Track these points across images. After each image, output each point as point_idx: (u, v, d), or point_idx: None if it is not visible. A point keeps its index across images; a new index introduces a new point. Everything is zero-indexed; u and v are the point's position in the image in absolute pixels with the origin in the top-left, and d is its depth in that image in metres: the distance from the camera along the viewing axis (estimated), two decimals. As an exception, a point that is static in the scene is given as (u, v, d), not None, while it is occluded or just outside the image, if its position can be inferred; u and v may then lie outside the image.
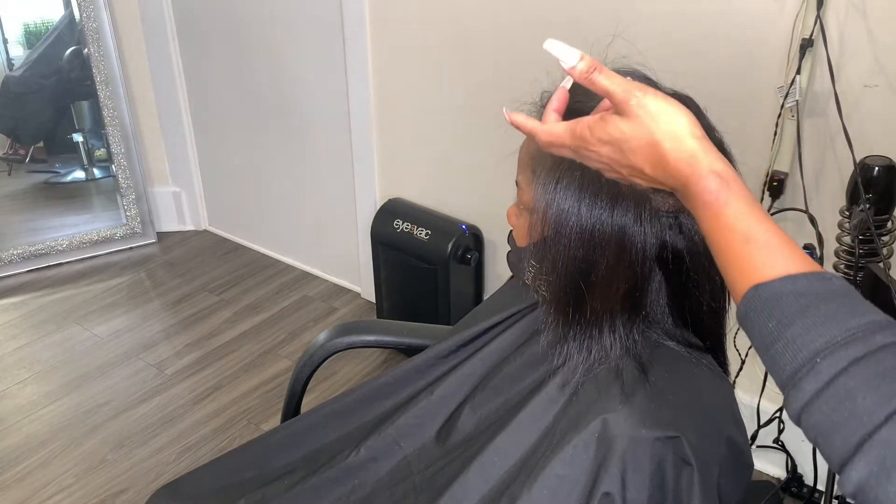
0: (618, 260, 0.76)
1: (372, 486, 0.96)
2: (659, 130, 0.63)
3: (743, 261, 0.60)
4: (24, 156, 2.97)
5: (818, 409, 0.54)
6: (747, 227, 0.61)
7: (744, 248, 0.60)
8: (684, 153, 0.63)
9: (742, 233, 0.61)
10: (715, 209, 0.62)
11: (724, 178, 0.62)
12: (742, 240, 0.61)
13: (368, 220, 2.25)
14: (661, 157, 0.64)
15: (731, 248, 0.61)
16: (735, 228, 0.61)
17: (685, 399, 0.78)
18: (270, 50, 2.40)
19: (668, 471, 0.74)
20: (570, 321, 0.80)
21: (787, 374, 0.56)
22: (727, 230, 0.61)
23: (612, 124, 0.66)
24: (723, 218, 0.62)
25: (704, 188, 0.62)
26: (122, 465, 1.89)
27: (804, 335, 0.55)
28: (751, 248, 0.60)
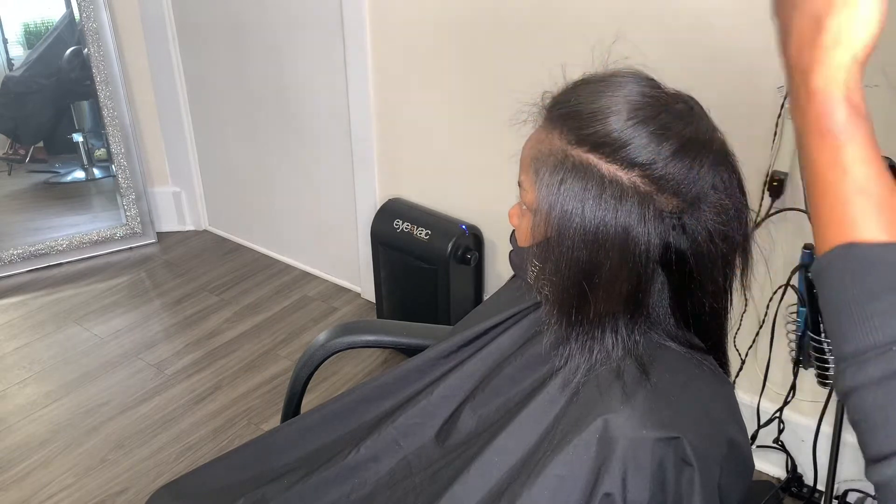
0: (621, 261, 0.76)
1: (372, 485, 0.96)
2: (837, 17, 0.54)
3: (847, 209, 0.53)
4: (24, 156, 2.97)
5: (874, 395, 0.50)
6: (864, 176, 0.53)
7: (853, 196, 0.53)
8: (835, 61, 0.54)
9: (857, 179, 0.53)
10: (836, 141, 0.54)
11: (858, 111, 0.54)
12: (854, 187, 0.53)
13: (368, 220, 2.25)
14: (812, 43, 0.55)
15: (839, 190, 0.53)
16: (851, 172, 0.53)
17: (686, 400, 0.78)
18: (270, 50, 2.40)
19: (669, 471, 0.74)
20: (572, 322, 0.81)
21: (853, 348, 0.51)
22: (842, 169, 0.53)
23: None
24: (841, 154, 0.53)
25: (831, 112, 0.54)
26: (122, 465, 1.89)
27: (888, 315, 0.50)
28: (860, 200, 0.52)
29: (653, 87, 0.78)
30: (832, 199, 0.54)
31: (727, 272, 0.82)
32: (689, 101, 0.79)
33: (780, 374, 1.65)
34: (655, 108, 0.75)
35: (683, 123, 0.75)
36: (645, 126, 0.74)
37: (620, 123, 0.74)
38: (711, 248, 0.77)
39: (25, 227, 2.83)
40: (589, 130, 0.75)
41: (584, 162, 0.75)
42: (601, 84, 0.78)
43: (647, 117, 0.74)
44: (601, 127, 0.75)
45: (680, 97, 0.78)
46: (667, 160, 0.74)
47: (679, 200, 0.75)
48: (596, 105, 0.76)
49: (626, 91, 0.76)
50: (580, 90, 0.79)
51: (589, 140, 0.75)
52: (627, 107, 0.75)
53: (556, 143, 0.78)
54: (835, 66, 0.54)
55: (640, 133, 0.74)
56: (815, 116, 0.55)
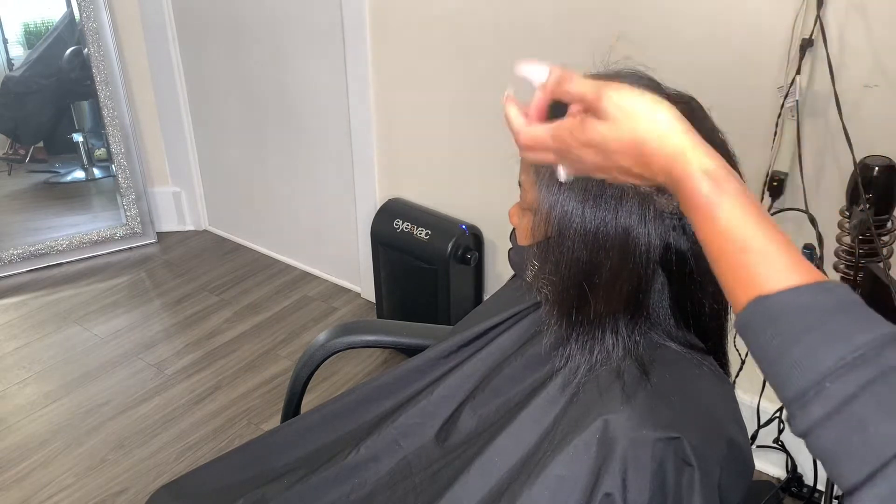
0: (621, 262, 0.76)
1: (372, 485, 0.96)
2: (639, 128, 0.60)
3: (741, 270, 0.56)
4: (24, 156, 2.97)
5: (826, 433, 0.51)
6: (743, 234, 0.57)
7: (741, 256, 0.56)
8: (670, 150, 0.59)
9: (738, 240, 0.57)
10: (708, 213, 0.58)
11: (715, 179, 0.58)
12: (739, 248, 0.57)
13: (368, 220, 2.25)
14: (646, 157, 0.60)
15: (727, 255, 0.57)
16: (730, 235, 0.57)
17: (686, 400, 0.78)
18: (270, 50, 2.40)
19: (669, 471, 0.74)
20: (572, 322, 0.81)
21: (793, 395, 0.53)
22: (722, 237, 0.57)
23: (592, 127, 0.62)
24: (717, 223, 0.57)
25: (695, 190, 0.58)
26: (122, 465, 1.89)
27: (811, 355, 0.52)
28: (749, 258, 0.56)
29: (653, 87, 0.78)
30: (727, 263, 0.58)
31: None
32: (691, 102, 0.79)
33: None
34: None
35: (684, 124, 0.75)
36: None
37: (621, 124, 0.74)
38: None
39: (25, 227, 2.83)
40: (589, 131, 0.75)
41: (584, 162, 0.75)
42: (602, 84, 0.78)
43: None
44: (602, 127, 0.75)
45: (681, 97, 0.78)
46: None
47: None
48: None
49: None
50: None
51: (589, 140, 0.75)
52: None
53: (556, 143, 0.78)
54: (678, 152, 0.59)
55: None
56: (686, 198, 0.60)
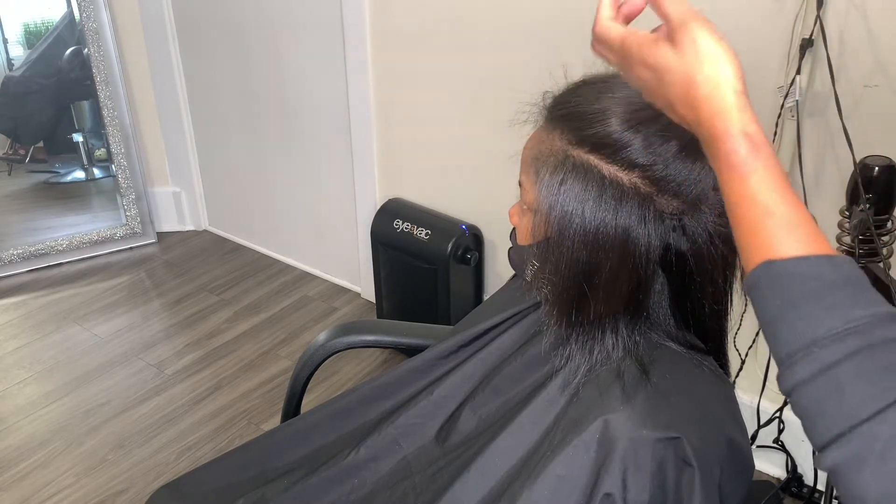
0: (621, 262, 0.76)
1: (372, 485, 0.96)
2: (701, 72, 0.61)
3: (760, 233, 0.59)
4: (24, 156, 2.97)
5: (807, 393, 0.55)
6: (770, 200, 0.59)
7: (763, 220, 0.59)
8: (720, 105, 0.61)
9: (764, 205, 0.59)
10: (741, 174, 0.60)
11: (755, 143, 0.60)
12: (763, 212, 0.59)
13: (368, 220, 2.25)
14: (696, 100, 0.62)
15: (750, 217, 0.59)
16: (757, 199, 0.59)
17: (686, 400, 0.78)
18: (270, 50, 2.40)
19: (669, 472, 0.74)
20: (572, 323, 0.81)
21: (784, 354, 0.57)
22: (749, 199, 0.59)
23: (660, 49, 0.64)
24: (747, 186, 0.59)
25: (733, 149, 0.60)
26: (122, 465, 1.89)
27: (806, 320, 0.55)
28: (770, 223, 0.58)
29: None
30: (748, 225, 0.60)
31: (727, 274, 0.82)
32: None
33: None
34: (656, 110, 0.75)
35: (684, 124, 0.75)
36: (646, 127, 0.74)
37: (621, 124, 0.74)
38: (712, 250, 0.77)
39: (25, 227, 2.83)
40: (590, 131, 0.75)
41: (584, 162, 0.75)
42: (602, 85, 0.78)
43: (648, 118, 0.74)
44: (602, 128, 0.75)
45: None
46: (668, 161, 0.74)
47: (679, 202, 0.75)
48: (597, 106, 0.76)
49: (628, 92, 0.76)
50: (581, 91, 0.79)
51: (590, 141, 0.75)
52: (629, 108, 0.75)
53: (556, 143, 0.78)
54: (724, 108, 0.61)
55: (641, 134, 0.74)
56: (720, 155, 0.61)
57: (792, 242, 0.58)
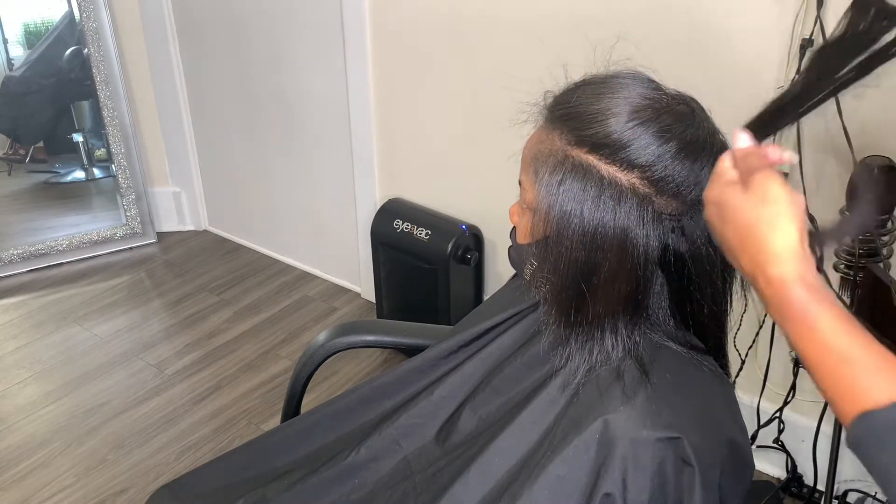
0: (620, 262, 0.76)
1: (372, 485, 0.96)
2: (762, 213, 0.61)
3: (844, 382, 0.56)
4: (24, 156, 2.97)
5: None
6: (846, 346, 0.56)
7: (843, 367, 0.56)
8: (775, 249, 0.60)
9: (840, 351, 0.56)
10: (807, 323, 0.58)
11: (813, 289, 0.58)
12: (841, 359, 0.56)
13: (368, 220, 2.25)
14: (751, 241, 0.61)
15: (828, 366, 0.57)
16: (832, 346, 0.57)
17: (686, 400, 0.78)
18: (270, 50, 2.40)
19: (669, 471, 0.74)
20: (571, 322, 0.81)
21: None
22: (823, 347, 0.57)
23: (731, 188, 0.64)
24: (817, 333, 0.57)
25: (794, 297, 0.58)
26: (122, 465, 1.89)
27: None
28: (851, 369, 0.56)
29: (654, 88, 0.78)
30: (830, 374, 0.57)
31: (726, 275, 0.82)
32: (691, 103, 0.79)
33: (780, 374, 1.65)
34: (656, 110, 0.75)
35: (684, 125, 0.75)
36: (645, 128, 0.74)
37: (621, 125, 0.74)
38: (710, 251, 0.77)
39: (25, 227, 2.83)
40: (589, 131, 0.75)
41: (583, 163, 0.75)
42: (602, 85, 0.78)
43: (647, 119, 0.74)
44: (601, 128, 0.75)
45: (681, 98, 0.78)
46: (667, 162, 0.74)
47: (678, 203, 0.75)
48: (596, 106, 0.76)
49: (627, 92, 0.76)
50: (581, 91, 0.79)
51: (589, 141, 0.75)
52: (628, 108, 0.75)
53: (556, 143, 0.78)
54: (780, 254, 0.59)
55: (640, 135, 0.74)
56: (780, 304, 0.59)
57: (882, 386, 0.54)
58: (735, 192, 0.64)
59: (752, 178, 0.63)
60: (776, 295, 0.60)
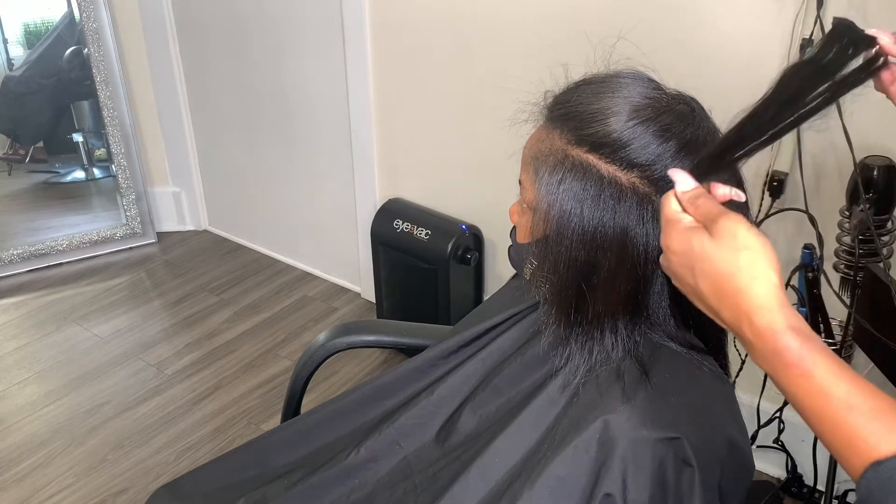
0: (619, 262, 0.76)
1: (372, 485, 0.96)
2: (737, 263, 0.58)
3: (848, 431, 0.54)
4: (24, 156, 2.97)
5: None
6: (845, 393, 0.54)
7: (846, 416, 0.54)
8: (758, 299, 0.58)
9: (839, 398, 0.54)
10: (802, 370, 0.55)
11: (805, 336, 0.56)
12: (843, 407, 0.54)
13: (368, 220, 2.25)
14: (735, 291, 0.58)
15: (829, 414, 0.55)
16: (831, 393, 0.54)
17: (686, 400, 0.78)
18: (270, 50, 2.40)
19: (669, 472, 0.74)
20: (571, 322, 0.80)
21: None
22: (822, 394, 0.55)
23: (697, 236, 0.61)
24: (814, 382, 0.55)
25: (785, 346, 0.56)
26: (122, 465, 1.89)
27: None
28: (854, 417, 0.53)
29: (654, 88, 0.78)
30: (831, 423, 0.55)
31: None
32: (691, 103, 0.78)
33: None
34: (656, 109, 0.75)
35: (684, 125, 0.75)
36: (645, 127, 0.74)
37: (620, 124, 0.74)
38: None
39: (25, 227, 2.83)
40: (589, 131, 0.75)
41: (583, 162, 0.75)
42: (602, 84, 0.78)
43: (647, 118, 0.74)
44: (601, 127, 0.75)
45: (681, 98, 0.78)
46: (667, 161, 0.74)
47: None
48: (596, 105, 0.76)
49: (627, 92, 0.76)
50: (581, 90, 0.79)
51: (588, 140, 0.75)
52: (628, 108, 0.75)
53: (556, 142, 0.78)
54: (763, 303, 0.57)
55: (640, 134, 0.74)
56: (772, 355, 0.57)
57: (889, 434, 0.52)
58: (702, 239, 0.61)
59: (717, 224, 0.60)
60: (767, 346, 0.57)
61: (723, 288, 0.60)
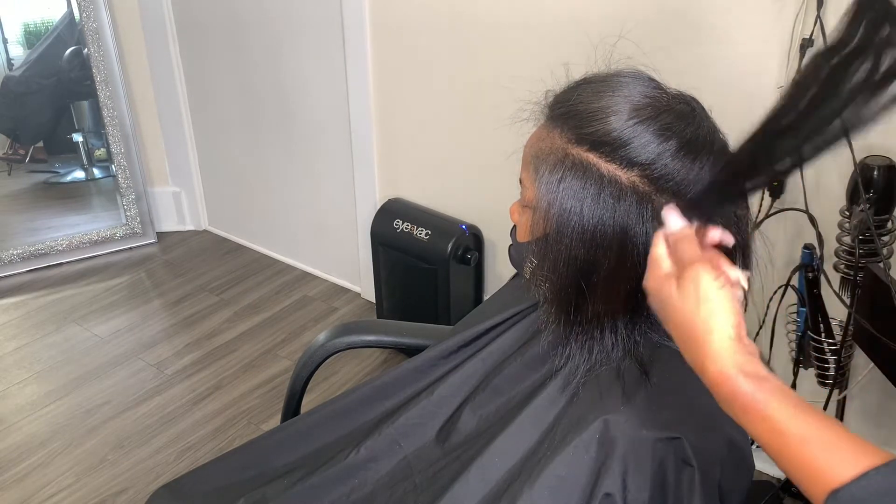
0: (619, 261, 0.76)
1: (372, 485, 0.96)
2: (697, 315, 0.63)
3: (807, 464, 0.57)
4: (24, 156, 2.97)
5: None
6: (797, 427, 0.57)
7: (801, 448, 0.57)
8: (713, 349, 0.62)
9: (795, 435, 0.57)
10: (757, 411, 0.59)
11: (757, 378, 0.60)
12: (797, 440, 0.57)
13: (368, 220, 2.25)
14: (691, 342, 0.63)
15: (788, 450, 0.58)
16: (785, 430, 0.58)
17: (686, 400, 0.78)
18: (270, 50, 2.40)
19: (669, 472, 0.74)
20: (570, 321, 0.80)
21: None
22: (778, 433, 0.58)
23: (666, 285, 0.66)
24: (770, 421, 0.59)
25: (737, 390, 0.60)
26: (122, 465, 1.89)
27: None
28: (812, 449, 0.57)
29: (654, 87, 0.78)
30: (791, 459, 0.58)
31: None
32: (691, 102, 0.78)
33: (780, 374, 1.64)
34: (656, 109, 0.75)
35: (684, 124, 0.75)
36: (645, 126, 0.74)
37: (621, 123, 0.74)
38: None
39: (25, 227, 2.83)
40: (589, 129, 0.75)
41: (583, 161, 0.75)
42: (602, 84, 0.78)
43: (647, 117, 0.74)
44: (601, 126, 0.75)
45: (681, 97, 0.78)
46: (666, 160, 0.74)
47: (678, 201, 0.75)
48: (597, 105, 0.76)
49: (628, 91, 0.76)
50: (581, 89, 0.79)
51: (589, 139, 0.75)
52: (628, 107, 0.75)
53: (556, 141, 0.78)
54: (717, 351, 0.62)
55: (640, 133, 0.74)
56: (728, 399, 0.61)
57: (845, 462, 0.55)
58: (670, 289, 0.65)
59: (685, 273, 0.64)
60: (721, 391, 0.61)
61: (683, 335, 0.65)
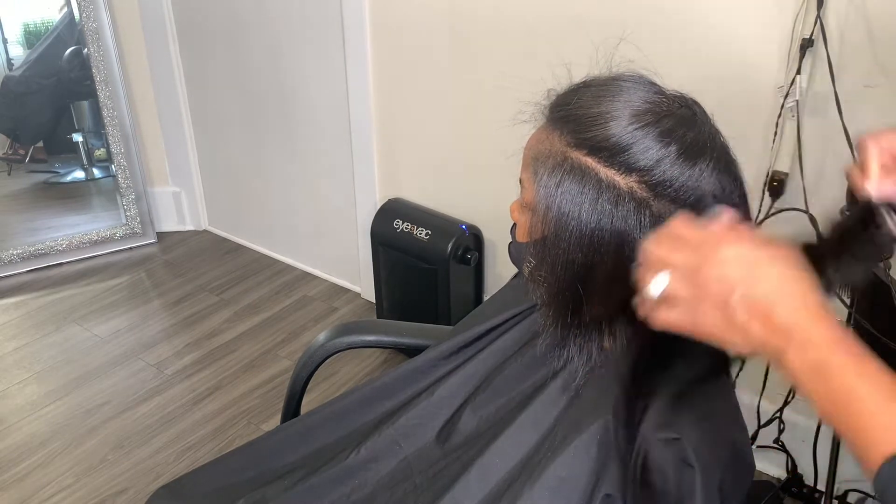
0: (617, 265, 0.76)
1: (372, 486, 0.96)
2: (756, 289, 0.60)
3: (867, 427, 0.55)
4: (24, 156, 2.97)
5: None
6: (864, 389, 0.56)
7: (859, 411, 0.55)
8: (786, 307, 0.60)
9: (858, 396, 0.55)
10: (822, 372, 0.58)
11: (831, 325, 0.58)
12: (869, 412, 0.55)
13: (368, 220, 2.25)
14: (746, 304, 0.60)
15: (850, 414, 0.56)
16: (850, 390, 0.56)
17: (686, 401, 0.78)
18: (270, 50, 2.40)
19: (670, 472, 0.74)
20: (568, 324, 0.80)
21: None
22: (841, 394, 0.56)
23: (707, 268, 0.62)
24: (832, 381, 0.57)
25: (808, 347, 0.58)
26: (122, 465, 1.89)
27: None
28: (872, 415, 0.54)
29: (655, 92, 0.77)
30: (848, 421, 0.55)
31: None
32: (693, 106, 0.78)
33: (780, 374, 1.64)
34: (657, 114, 0.75)
35: (685, 128, 0.75)
36: (645, 132, 0.74)
37: (620, 128, 0.74)
38: None
39: (25, 227, 2.83)
40: (588, 134, 0.75)
41: (582, 165, 0.75)
42: (603, 88, 0.78)
43: (648, 123, 0.74)
44: (601, 131, 0.75)
45: (682, 101, 0.78)
46: (666, 166, 0.73)
47: (677, 207, 0.75)
48: (597, 109, 0.76)
49: (628, 96, 0.76)
50: (582, 93, 0.79)
51: (588, 143, 0.75)
52: (629, 112, 0.75)
53: (555, 144, 0.78)
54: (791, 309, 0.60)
55: (640, 138, 0.74)
56: (794, 355, 0.59)
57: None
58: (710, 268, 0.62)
59: (713, 254, 0.62)
60: (786, 348, 0.60)
61: (728, 305, 0.61)
